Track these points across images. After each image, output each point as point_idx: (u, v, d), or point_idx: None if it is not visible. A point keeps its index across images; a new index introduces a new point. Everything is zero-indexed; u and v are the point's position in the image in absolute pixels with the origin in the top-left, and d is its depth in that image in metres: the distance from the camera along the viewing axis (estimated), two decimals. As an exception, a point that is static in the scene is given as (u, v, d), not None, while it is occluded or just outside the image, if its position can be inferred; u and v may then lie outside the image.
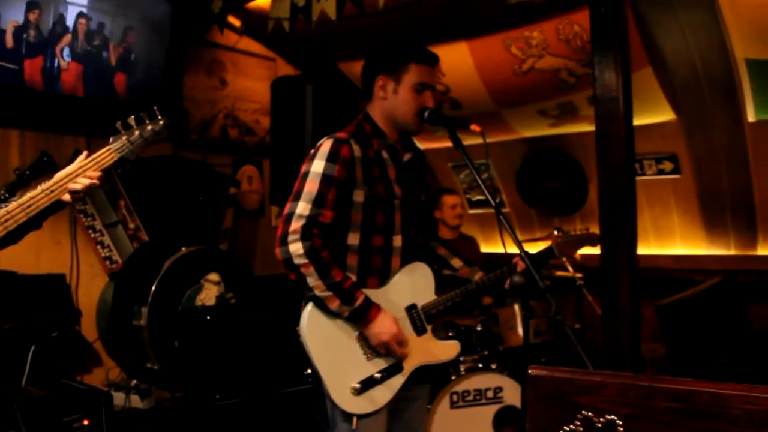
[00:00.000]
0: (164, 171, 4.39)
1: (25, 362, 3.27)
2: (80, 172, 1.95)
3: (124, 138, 2.07)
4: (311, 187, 2.15)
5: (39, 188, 1.90)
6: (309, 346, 2.12)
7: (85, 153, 2.01)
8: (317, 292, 2.09)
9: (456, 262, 2.50)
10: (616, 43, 3.22)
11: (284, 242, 2.10)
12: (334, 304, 2.10)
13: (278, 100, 4.07)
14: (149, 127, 2.11)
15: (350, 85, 4.92)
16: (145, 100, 4.17)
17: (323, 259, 2.09)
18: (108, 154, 2.03)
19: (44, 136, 3.98)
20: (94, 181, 1.95)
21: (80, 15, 3.86)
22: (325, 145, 2.21)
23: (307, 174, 2.18)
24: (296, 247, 2.08)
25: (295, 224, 2.10)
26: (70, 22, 3.82)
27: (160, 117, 2.13)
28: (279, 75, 5.08)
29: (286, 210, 2.15)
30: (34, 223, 1.93)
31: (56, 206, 1.94)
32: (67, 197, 1.94)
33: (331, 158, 2.17)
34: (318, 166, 2.17)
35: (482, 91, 4.97)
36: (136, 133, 2.09)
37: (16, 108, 3.79)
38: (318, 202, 2.13)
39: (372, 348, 2.17)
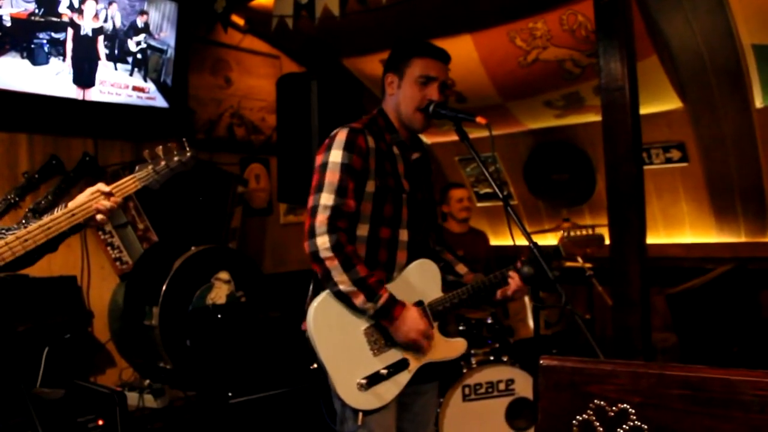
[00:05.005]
0: (172, 171, 4.40)
1: (39, 364, 3.30)
2: (99, 197, 1.96)
3: (150, 168, 2.09)
4: (332, 177, 2.15)
5: (60, 211, 1.90)
6: (315, 341, 2.12)
7: (101, 184, 2.00)
8: (342, 288, 2.09)
9: (461, 269, 2.49)
10: (621, 32, 3.21)
11: (312, 234, 2.11)
12: (359, 300, 2.09)
13: (284, 98, 4.07)
14: (176, 158, 2.13)
15: (355, 80, 4.91)
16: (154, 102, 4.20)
17: (348, 254, 2.10)
18: (132, 182, 2.06)
19: (53, 140, 4.00)
20: (114, 205, 1.98)
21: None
22: (341, 134, 2.21)
23: (325, 164, 2.18)
24: (323, 240, 2.09)
25: (321, 216, 2.11)
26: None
27: (188, 149, 2.15)
28: (284, 72, 5.08)
29: (311, 203, 2.16)
30: (51, 245, 1.93)
31: (74, 229, 1.95)
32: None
33: (348, 147, 2.18)
34: (336, 156, 2.17)
35: (487, 84, 4.96)
36: (162, 163, 2.11)
37: (24, 112, 3.81)
38: (340, 191, 2.14)
39: (379, 343, 2.17)
